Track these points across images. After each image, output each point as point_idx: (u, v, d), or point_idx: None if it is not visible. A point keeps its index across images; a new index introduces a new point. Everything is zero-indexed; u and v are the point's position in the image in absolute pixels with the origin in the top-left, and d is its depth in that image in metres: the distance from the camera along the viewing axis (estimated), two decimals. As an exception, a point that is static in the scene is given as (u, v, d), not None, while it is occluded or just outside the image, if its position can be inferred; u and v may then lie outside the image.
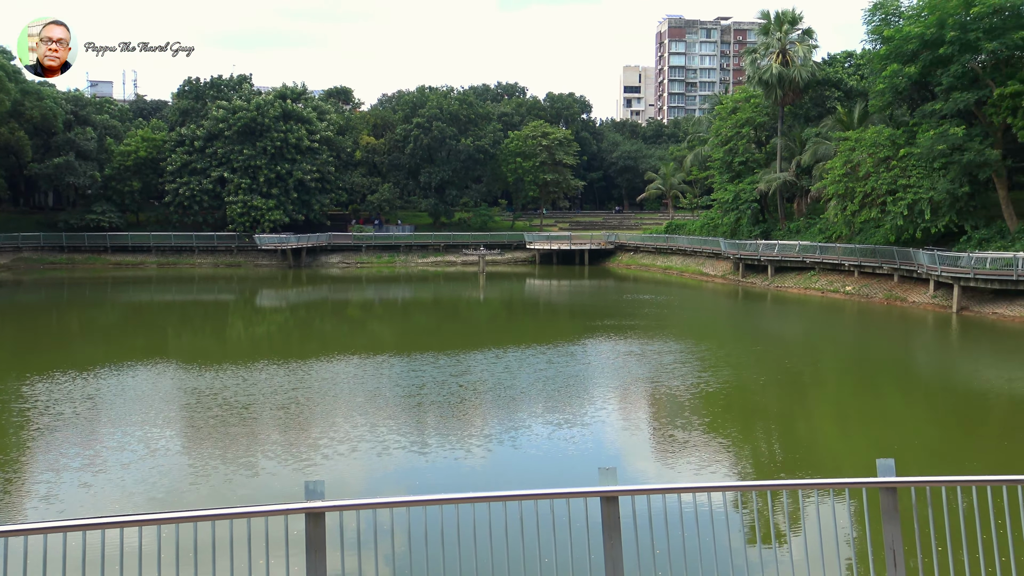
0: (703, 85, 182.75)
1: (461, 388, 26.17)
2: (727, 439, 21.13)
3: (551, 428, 21.59)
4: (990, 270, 44.75)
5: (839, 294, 56.06)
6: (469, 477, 17.46)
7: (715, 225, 77.60)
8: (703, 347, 36.14)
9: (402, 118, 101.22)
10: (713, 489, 8.27)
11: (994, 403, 25.99)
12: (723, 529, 8.26)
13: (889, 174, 51.74)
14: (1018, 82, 46.91)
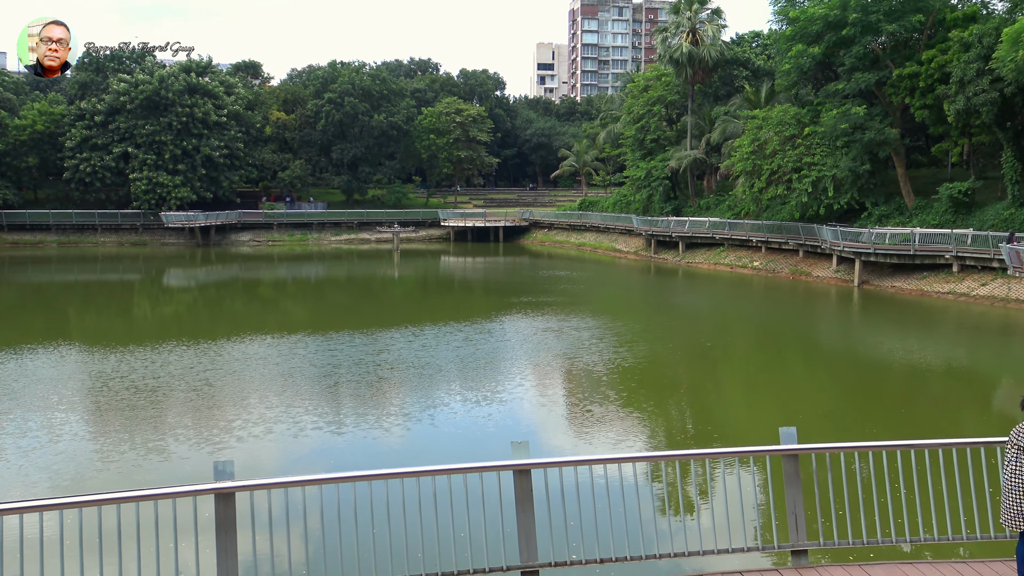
0: (615, 63, 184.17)
1: (378, 367, 26.02)
2: (642, 412, 21.54)
3: (469, 405, 21.66)
4: (889, 245, 46.43)
5: (747, 269, 57.45)
6: (387, 456, 17.42)
7: (628, 202, 78.54)
8: (619, 323, 36.66)
9: (313, 93, 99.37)
10: (624, 460, 8.45)
11: (893, 372, 27.05)
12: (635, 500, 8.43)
13: (794, 152, 53.11)
14: (915, 63, 48.58)
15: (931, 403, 23.26)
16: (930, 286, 44.11)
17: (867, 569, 8.17)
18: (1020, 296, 39.54)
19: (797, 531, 8.32)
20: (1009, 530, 7.97)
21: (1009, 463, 7.75)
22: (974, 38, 44.48)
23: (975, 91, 43.22)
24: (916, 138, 60.97)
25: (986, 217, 46.39)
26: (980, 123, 45.58)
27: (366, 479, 7.45)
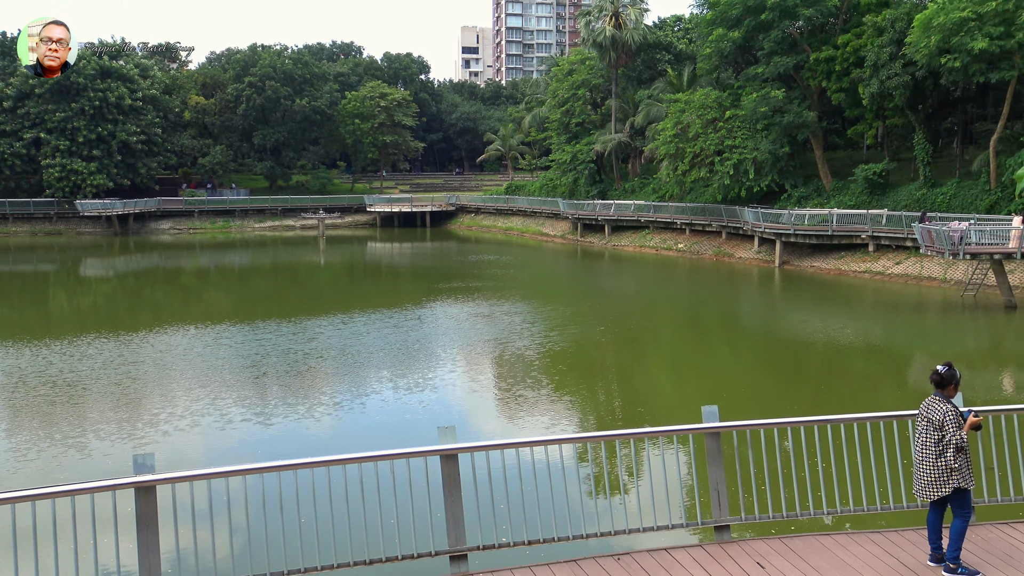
0: (540, 47, 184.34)
1: (307, 356, 25.71)
2: (572, 395, 21.74)
3: (401, 393, 21.57)
4: (808, 226, 47.56)
5: (672, 251, 58.26)
6: (317, 445, 17.24)
7: (554, 186, 78.88)
8: (548, 307, 36.88)
9: (233, 77, 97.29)
10: (550, 442, 8.53)
11: (814, 350, 27.78)
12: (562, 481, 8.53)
13: (716, 135, 53.93)
14: (831, 48, 49.73)
15: (850, 379, 23.96)
16: (847, 265, 45.33)
17: (787, 542, 8.41)
18: (932, 274, 40.91)
19: (720, 507, 8.52)
20: (920, 500, 8.29)
21: (919, 435, 8.05)
22: (887, 23, 45.67)
23: (888, 75, 44.41)
24: (833, 121, 62.38)
25: (899, 198, 47.81)
26: (893, 106, 46.88)
27: (291, 468, 7.38)
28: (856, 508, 9.02)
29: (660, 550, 8.23)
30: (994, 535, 8.58)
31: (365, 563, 7.62)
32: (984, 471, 9.45)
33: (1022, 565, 7.88)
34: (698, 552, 8.20)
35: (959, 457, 7.78)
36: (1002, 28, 38.41)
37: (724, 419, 8.99)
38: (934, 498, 7.91)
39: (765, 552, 8.19)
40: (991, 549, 8.23)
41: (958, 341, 29.72)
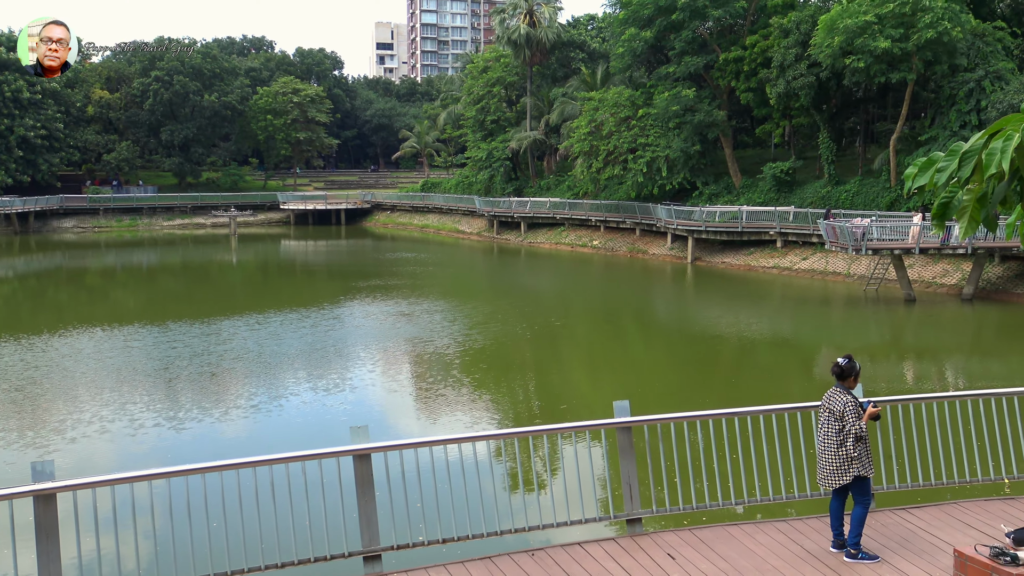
0: (455, 44, 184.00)
1: (221, 358, 25.16)
2: (491, 393, 21.80)
3: (319, 394, 21.29)
4: (719, 223, 48.61)
5: (587, 248, 58.85)
6: (232, 449, 16.89)
7: (470, 183, 78.89)
8: (466, 305, 36.90)
9: (139, 71, 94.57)
10: (464, 440, 8.56)
11: (725, 344, 28.43)
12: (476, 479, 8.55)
13: (629, 133, 54.66)
14: (740, 48, 50.91)
15: (760, 372, 24.59)
16: (757, 261, 46.48)
17: (696, 533, 8.61)
18: (836, 269, 42.24)
19: (632, 500, 8.67)
20: (823, 488, 8.58)
21: (822, 426, 8.32)
22: (792, 25, 46.95)
23: (794, 75, 45.67)
24: (742, 120, 63.89)
25: (806, 195, 49.21)
26: (799, 106, 48.22)
27: (199, 472, 7.25)
28: (763, 498, 9.28)
29: (574, 544, 8.33)
30: (892, 520, 8.92)
31: (277, 566, 7.53)
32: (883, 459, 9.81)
33: (918, 548, 8.22)
34: (611, 545, 8.33)
35: (859, 446, 8.06)
36: (901, 30, 39.87)
37: (638, 413, 9.15)
38: (836, 486, 8.19)
39: (675, 543, 8.37)
40: (889, 534, 8.56)
41: (861, 333, 30.75)
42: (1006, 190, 3.80)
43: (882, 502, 9.49)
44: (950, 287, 37.01)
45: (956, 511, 9.15)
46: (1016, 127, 3.54)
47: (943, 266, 38.46)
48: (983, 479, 9.79)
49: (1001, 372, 23.98)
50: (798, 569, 7.85)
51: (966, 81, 41.60)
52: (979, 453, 9.82)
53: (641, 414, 9.19)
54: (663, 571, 7.81)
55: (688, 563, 7.95)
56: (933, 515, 9.04)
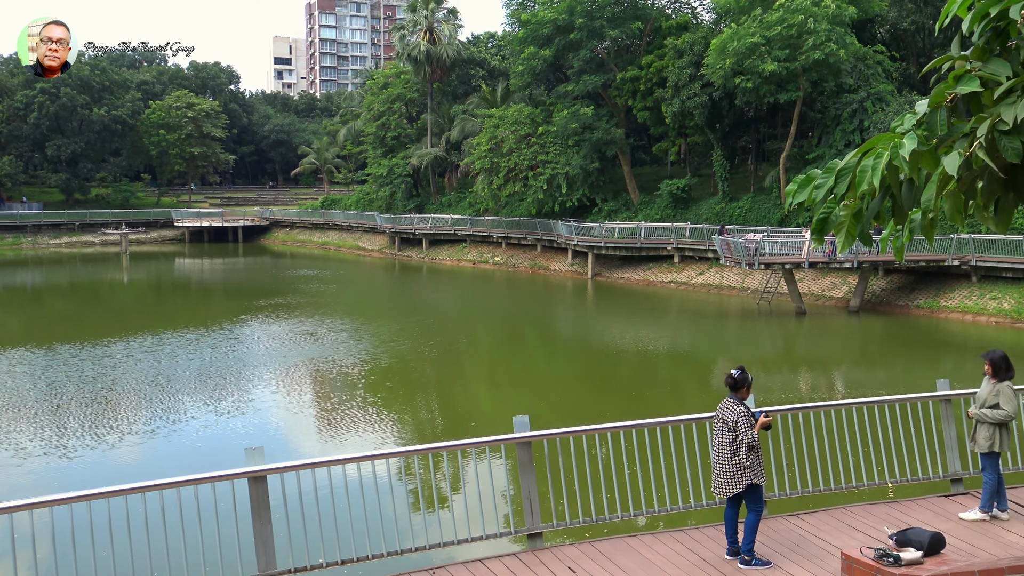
0: (355, 59, 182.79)
1: (115, 382, 24.18)
2: (397, 412, 21.59)
3: (220, 417, 20.69)
4: (618, 239, 49.41)
5: (489, 264, 59.04)
6: (126, 476, 16.22)
7: (371, 200, 78.31)
8: (372, 324, 36.54)
9: (23, 83, 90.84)
10: (362, 459, 8.46)
11: (625, 358, 28.85)
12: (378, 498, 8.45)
13: (530, 150, 55.20)
14: (636, 68, 52.03)
15: (659, 384, 25.04)
16: (655, 276, 47.40)
17: (596, 545, 8.70)
18: (731, 283, 43.41)
19: (532, 515, 8.71)
20: (718, 497, 8.78)
21: (716, 436, 8.53)
22: (686, 46, 48.25)
23: (688, 95, 46.90)
24: (639, 138, 65.23)
25: (701, 211, 50.48)
26: (694, 124, 49.53)
27: (85, 499, 6.98)
28: (661, 508, 9.44)
29: (474, 561, 8.31)
30: (784, 526, 9.19)
31: (169, 594, 7.30)
32: (775, 467, 10.10)
33: (808, 552, 8.48)
34: (511, 561, 8.34)
35: (751, 455, 8.28)
36: (788, 51, 41.37)
37: (540, 428, 9.22)
38: (730, 495, 8.39)
39: (575, 556, 8.44)
40: (781, 539, 8.82)
41: (755, 345, 31.65)
42: (879, 206, 3.98)
43: (774, 509, 9.77)
44: (838, 299, 38.43)
45: (844, 515, 9.48)
46: (886, 146, 3.71)
47: (831, 279, 39.93)
48: (868, 484, 10.18)
49: (886, 380, 25.00)
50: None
51: (850, 102, 43.43)
52: (864, 459, 10.21)
53: (543, 429, 9.25)
54: (564, 584, 7.85)
55: (588, 575, 8.02)
56: (822, 520, 9.35)
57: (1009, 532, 8.97)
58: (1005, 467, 10.03)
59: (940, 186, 3.62)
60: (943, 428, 10.44)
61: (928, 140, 3.67)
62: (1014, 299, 33.07)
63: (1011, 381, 9.41)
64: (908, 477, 10.28)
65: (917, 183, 3.76)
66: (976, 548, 8.51)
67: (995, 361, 9.43)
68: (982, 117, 3.53)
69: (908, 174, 3.70)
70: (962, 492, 10.18)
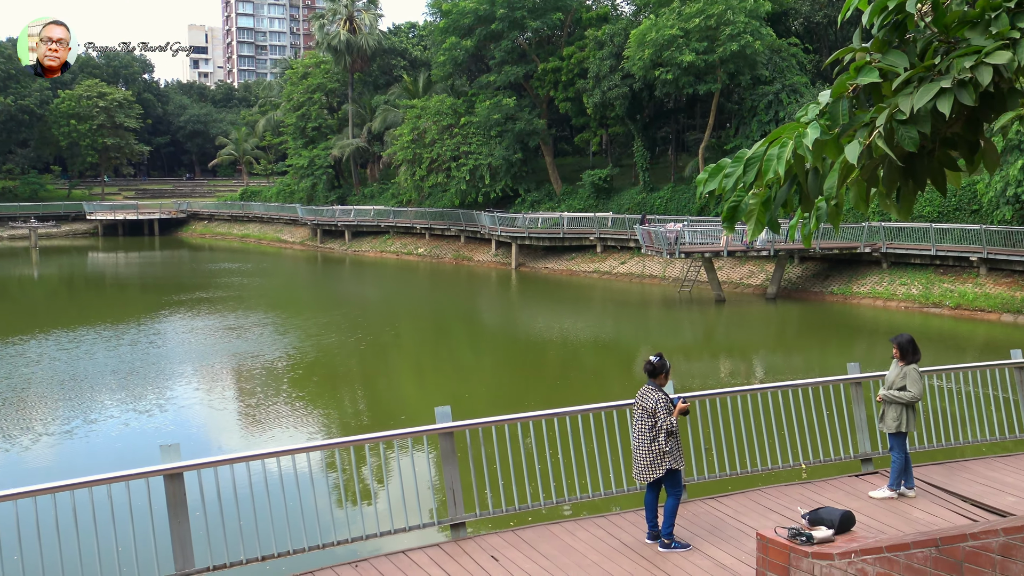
0: (273, 48, 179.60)
1: (28, 381, 23.26)
2: (323, 406, 21.36)
3: (140, 415, 20.13)
4: (541, 229, 49.65)
5: (413, 256, 58.76)
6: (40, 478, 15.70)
7: (291, 191, 77.19)
8: (297, 317, 36.05)
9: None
10: (282, 453, 8.34)
11: (550, 347, 29.02)
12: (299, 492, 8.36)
13: (452, 141, 55.06)
14: (558, 59, 52.27)
15: (583, 373, 25.27)
16: (578, 266, 47.78)
17: (519, 533, 8.75)
18: (653, 272, 44.01)
19: (455, 505, 8.72)
20: (639, 483, 8.91)
21: (636, 422, 8.65)
22: (606, 37, 48.64)
23: (609, 86, 47.32)
24: (562, 128, 65.61)
25: (623, 201, 51.03)
26: (615, 115, 49.99)
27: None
28: (583, 495, 9.54)
29: (398, 553, 8.29)
30: (703, 509, 9.38)
31: (82, 597, 7.11)
32: (693, 452, 10.30)
33: (726, 534, 8.67)
34: (435, 551, 8.34)
35: (670, 441, 8.42)
36: (706, 44, 42.04)
37: (465, 418, 9.24)
38: (650, 480, 8.52)
39: (499, 545, 8.48)
40: (700, 522, 8.99)
41: (676, 333, 32.17)
42: (786, 194, 4.07)
43: (693, 492, 9.95)
44: (756, 287, 39.29)
45: (760, 497, 9.71)
46: (791, 135, 3.81)
47: (749, 267, 40.79)
48: (784, 466, 10.45)
49: (801, 365, 25.67)
50: (616, 562, 8.12)
51: (765, 94, 44.37)
52: (779, 442, 10.48)
53: (468, 419, 9.27)
54: (486, 574, 7.89)
55: (512, 564, 8.07)
56: (739, 502, 9.56)
57: (915, 509, 9.31)
58: (911, 446, 10.40)
59: (842, 174, 3.73)
60: (854, 410, 10.77)
61: (831, 129, 3.77)
62: (921, 285, 34.25)
63: (917, 364, 9.75)
64: (821, 458, 10.57)
65: (822, 172, 3.87)
66: (884, 525, 8.81)
67: (902, 345, 9.75)
68: (881, 107, 3.64)
69: (812, 163, 3.80)
70: (872, 471, 10.52)
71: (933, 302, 33.13)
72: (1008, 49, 3.42)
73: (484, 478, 9.25)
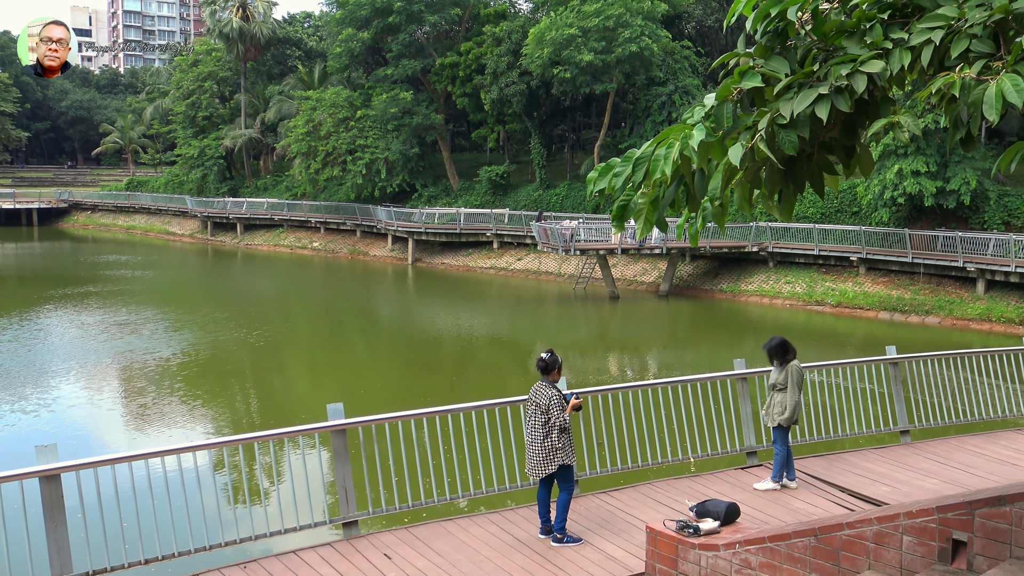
0: (162, 34, 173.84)
1: None
2: (215, 404, 20.80)
3: (27, 416, 19.17)
4: (438, 225, 49.52)
5: (307, 250, 57.81)
6: None
7: (181, 182, 74.93)
8: (187, 313, 34.96)
9: None
10: (167, 453, 8.07)
11: (446, 344, 28.99)
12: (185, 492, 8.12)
13: (348, 134, 54.36)
14: (456, 54, 52.15)
15: (480, 369, 25.32)
16: (475, 262, 47.83)
17: (413, 531, 8.71)
18: (549, 269, 44.41)
19: (348, 503, 8.62)
20: (532, 478, 8.98)
21: (529, 419, 8.70)
22: (504, 34, 48.78)
23: (507, 83, 47.48)
24: (459, 124, 65.50)
25: (520, 198, 51.31)
26: (512, 112, 50.20)
27: None
28: (476, 491, 9.54)
29: (288, 553, 8.14)
30: (595, 504, 9.51)
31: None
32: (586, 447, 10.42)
33: (617, 528, 8.82)
34: (326, 551, 8.22)
35: (563, 437, 8.51)
36: (604, 44, 42.62)
37: (362, 415, 9.14)
38: (543, 476, 8.59)
39: (392, 543, 8.42)
40: (592, 517, 9.12)
41: (572, 329, 32.54)
42: (674, 194, 4.16)
43: (586, 487, 10.08)
44: (649, 284, 40.07)
45: (651, 491, 9.91)
46: (677, 136, 3.89)
47: (643, 265, 41.57)
48: (673, 459, 10.68)
49: (691, 361, 26.32)
50: (508, 557, 8.16)
51: (659, 95, 45.27)
52: (669, 436, 10.71)
53: (364, 415, 9.17)
54: (379, 572, 7.82)
55: (404, 561, 8.03)
56: (630, 496, 9.73)
57: (797, 499, 9.65)
58: (794, 440, 10.78)
59: (726, 176, 3.83)
60: (740, 405, 11.09)
61: (716, 132, 3.87)
62: (805, 283, 35.53)
63: (796, 360, 10.09)
64: (709, 452, 10.86)
65: (707, 172, 3.96)
66: (768, 516, 9.10)
67: (771, 351, 10.06)
68: (763, 111, 3.75)
69: (698, 164, 3.89)
70: (756, 464, 10.86)
71: (816, 300, 34.41)
72: (881, 59, 3.57)
73: (377, 476, 9.16)
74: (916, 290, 32.70)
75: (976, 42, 3.42)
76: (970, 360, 12.76)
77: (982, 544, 5.14)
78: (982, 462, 10.88)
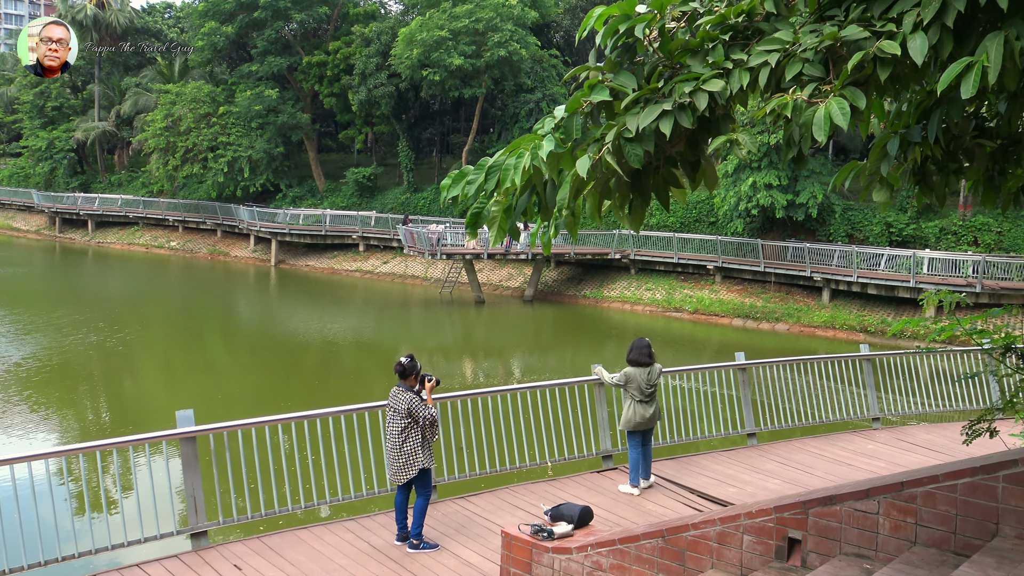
0: (9, 18, 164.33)
1: None
2: (60, 411, 19.75)
3: None
4: (303, 226, 48.60)
5: (164, 249, 55.72)
6: None
7: (27, 175, 70.84)
8: (32, 315, 33.05)
9: None
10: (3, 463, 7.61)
11: (310, 348, 28.47)
12: (17, 504, 7.67)
13: (210, 131, 52.73)
14: (323, 53, 51.38)
15: (343, 373, 24.99)
16: (340, 264, 47.17)
17: (265, 540, 8.50)
18: (415, 272, 44.24)
19: (196, 513, 8.34)
20: (391, 485, 8.91)
21: (389, 424, 8.64)
22: (374, 35, 48.37)
23: (375, 84, 47.09)
24: (326, 124, 64.47)
25: (387, 201, 50.93)
26: (380, 114, 49.81)
27: None
28: (333, 499, 9.40)
29: (132, 566, 7.80)
30: (453, 509, 9.51)
31: None
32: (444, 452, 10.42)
33: (474, 533, 8.84)
34: (172, 563, 7.92)
35: (433, 430, 8.48)
36: (474, 48, 42.82)
37: (218, 421, 8.85)
38: (402, 481, 8.53)
39: (243, 553, 8.19)
40: (449, 522, 9.11)
41: (437, 334, 32.52)
42: (526, 203, 4.21)
43: (444, 493, 10.07)
44: (514, 289, 40.45)
45: (508, 495, 9.98)
46: (528, 146, 3.94)
47: (508, 270, 41.94)
48: (531, 464, 10.81)
49: (554, 365, 26.71)
50: (363, 565, 8.07)
51: (527, 101, 45.83)
52: (527, 440, 10.82)
53: (221, 421, 8.90)
54: (228, 583, 7.60)
55: (255, 572, 7.82)
56: (488, 501, 9.78)
57: (648, 501, 9.91)
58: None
59: (575, 187, 3.90)
60: (597, 409, 11.31)
61: (565, 143, 3.94)
62: (665, 290, 36.62)
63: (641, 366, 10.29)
64: (566, 456, 11.02)
65: (558, 183, 4.03)
66: (620, 518, 9.31)
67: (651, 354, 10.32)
68: (611, 124, 3.85)
69: (548, 174, 3.95)
70: (612, 468, 11.10)
71: (675, 307, 35.51)
72: (722, 78, 3.71)
73: (229, 484, 8.90)
74: (767, 298, 34.20)
75: (808, 66, 3.60)
76: (814, 366, 13.42)
77: (815, 541, 5.39)
78: (821, 463, 11.46)
